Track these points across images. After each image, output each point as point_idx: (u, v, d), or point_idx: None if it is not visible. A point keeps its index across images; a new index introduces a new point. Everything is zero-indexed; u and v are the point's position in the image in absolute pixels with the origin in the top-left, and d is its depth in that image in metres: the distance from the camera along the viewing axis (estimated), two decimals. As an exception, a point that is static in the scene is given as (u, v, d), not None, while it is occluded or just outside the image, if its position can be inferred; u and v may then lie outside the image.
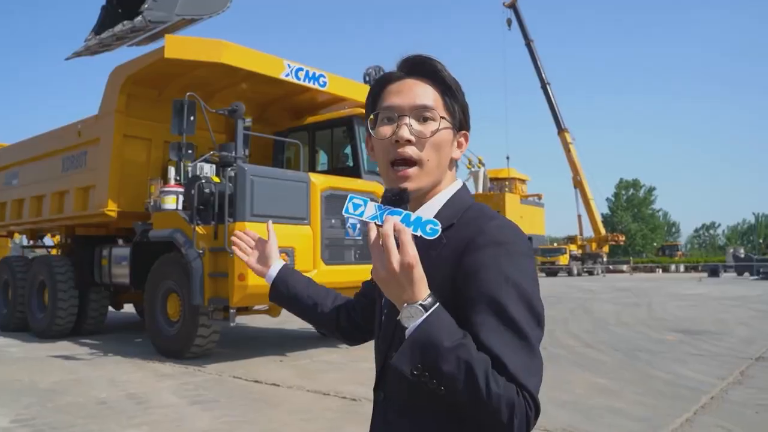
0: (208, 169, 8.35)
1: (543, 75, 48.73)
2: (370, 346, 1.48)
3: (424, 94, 1.24)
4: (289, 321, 11.73)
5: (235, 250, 1.71)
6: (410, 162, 1.22)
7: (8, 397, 5.91)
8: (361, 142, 9.26)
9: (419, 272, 1.03)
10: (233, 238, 1.74)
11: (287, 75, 8.77)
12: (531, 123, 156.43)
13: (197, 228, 7.57)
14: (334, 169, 9.65)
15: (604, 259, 50.16)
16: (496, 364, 1.04)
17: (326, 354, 8.41)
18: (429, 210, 1.25)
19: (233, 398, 5.74)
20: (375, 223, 1.09)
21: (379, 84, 1.30)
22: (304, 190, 7.92)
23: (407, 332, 1.04)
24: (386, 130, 1.24)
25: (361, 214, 1.11)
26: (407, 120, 1.22)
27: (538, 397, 1.07)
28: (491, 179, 49.79)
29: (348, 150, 9.77)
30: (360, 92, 9.90)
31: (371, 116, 1.30)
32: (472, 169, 48.44)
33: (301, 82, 8.96)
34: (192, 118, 7.22)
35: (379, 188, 8.83)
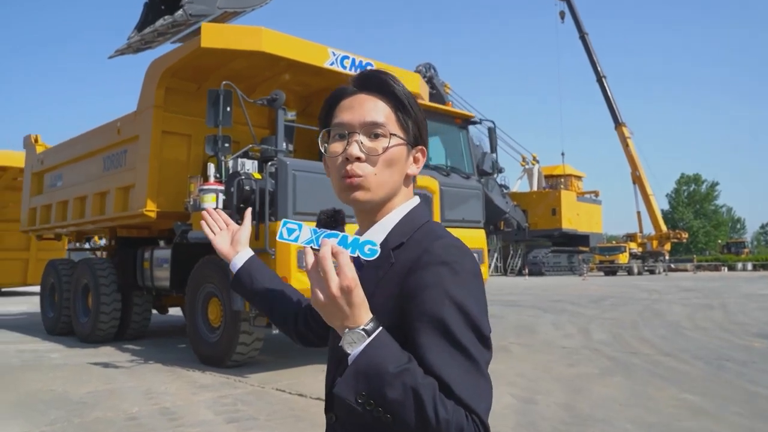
0: (250, 166, 7.85)
1: (598, 68, 47.18)
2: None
3: (375, 109, 1.22)
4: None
5: (203, 226, 1.60)
6: (361, 176, 1.19)
7: (36, 409, 5.51)
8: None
9: (359, 295, 1.02)
10: (203, 213, 1.62)
11: (332, 64, 8.19)
12: (587, 118, 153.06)
13: (237, 228, 7.06)
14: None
15: (666, 258, 48.19)
16: (442, 387, 1.02)
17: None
18: (381, 228, 1.22)
19: (273, 416, 5.17)
20: (311, 247, 1.06)
21: (332, 99, 1.28)
22: (351, 185, 7.31)
23: (350, 359, 1.02)
24: (337, 147, 1.22)
25: (296, 239, 1.09)
26: (357, 137, 1.20)
27: (487, 421, 1.05)
28: (546, 176, 48.52)
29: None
30: (411, 81, 9.25)
31: (323, 132, 1.27)
32: (526, 167, 47.35)
33: (347, 71, 8.36)
34: (228, 108, 6.71)
35: (433, 183, 8.19)
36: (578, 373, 6.86)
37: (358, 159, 1.18)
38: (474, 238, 8.71)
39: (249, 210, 1.70)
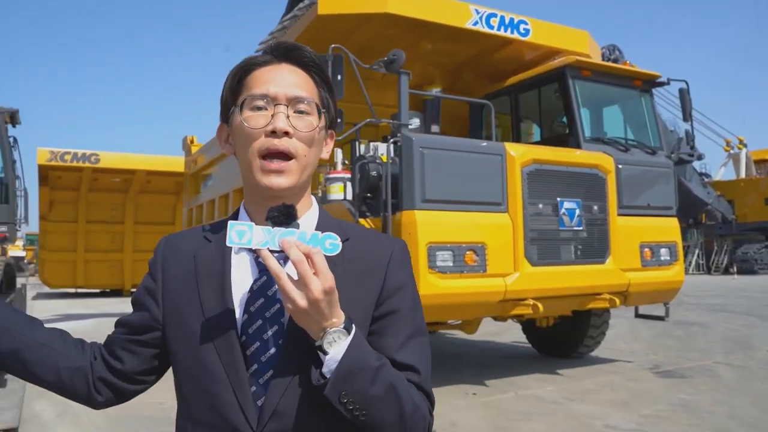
0: (383, 149, 6.77)
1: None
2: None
3: (302, 83, 1.14)
4: (497, 333, 9.75)
5: None
6: (286, 156, 1.10)
7: (125, 427, 4.87)
8: (579, 100, 7.00)
9: (336, 294, 1.00)
10: None
11: (475, 24, 6.84)
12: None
13: (361, 221, 5.99)
14: (546, 140, 7.51)
15: None
16: (412, 371, 1.09)
17: (538, 384, 6.31)
18: (308, 221, 1.17)
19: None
20: (268, 249, 0.99)
21: (244, 67, 1.17)
22: (498, 165, 5.93)
23: (331, 358, 1.00)
24: (258, 118, 1.11)
25: (249, 242, 1.00)
26: (283, 109, 1.11)
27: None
28: (756, 162, 42.61)
29: (564, 117, 7.55)
30: (578, 40, 7.63)
31: (234, 102, 1.15)
32: (731, 152, 41.76)
33: (495, 32, 6.98)
34: (339, 77, 5.63)
35: (605, 160, 6.54)
36: (824, 414, 4.88)
37: (287, 134, 1.10)
38: (663, 229, 6.90)
39: None
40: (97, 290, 21.49)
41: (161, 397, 5.83)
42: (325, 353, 0.99)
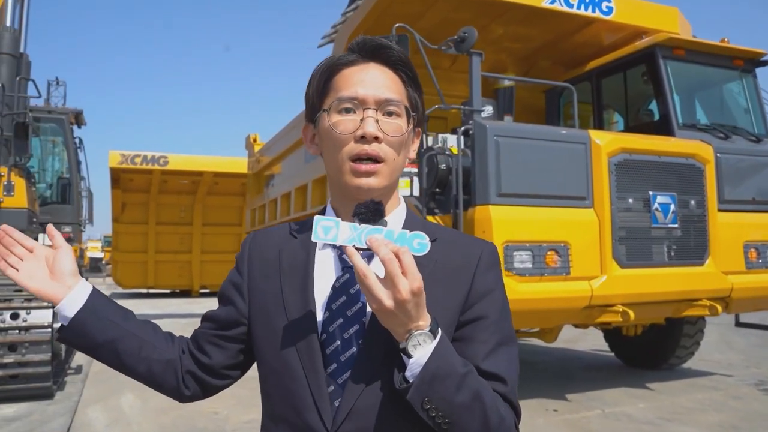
0: (453, 141, 6.26)
1: None
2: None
3: (391, 84, 1.12)
4: (575, 340, 9.06)
5: None
6: (376, 159, 1.09)
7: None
8: (671, 83, 6.28)
9: (424, 296, 0.96)
10: None
11: (553, 2, 6.24)
12: None
13: (429, 218, 5.49)
14: (631, 129, 6.82)
15: None
16: (498, 381, 1.04)
17: (627, 400, 5.64)
18: (395, 221, 1.15)
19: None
20: (354, 246, 0.96)
21: (331, 67, 1.14)
22: (582, 154, 5.32)
23: (416, 362, 0.96)
24: (347, 123, 1.09)
25: (335, 238, 0.98)
26: (372, 113, 1.09)
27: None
28: None
29: (652, 104, 6.84)
30: (667, 18, 6.90)
31: (321, 104, 1.14)
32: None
33: (574, 11, 6.36)
34: (404, 59, 5.16)
35: (702, 149, 5.82)
36: None
37: (376, 139, 1.08)
38: (772, 226, 6.10)
39: (51, 225, 1.17)
40: (167, 291, 21.78)
41: (215, 406, 5.53)
42: (409, 356, 0.96)
